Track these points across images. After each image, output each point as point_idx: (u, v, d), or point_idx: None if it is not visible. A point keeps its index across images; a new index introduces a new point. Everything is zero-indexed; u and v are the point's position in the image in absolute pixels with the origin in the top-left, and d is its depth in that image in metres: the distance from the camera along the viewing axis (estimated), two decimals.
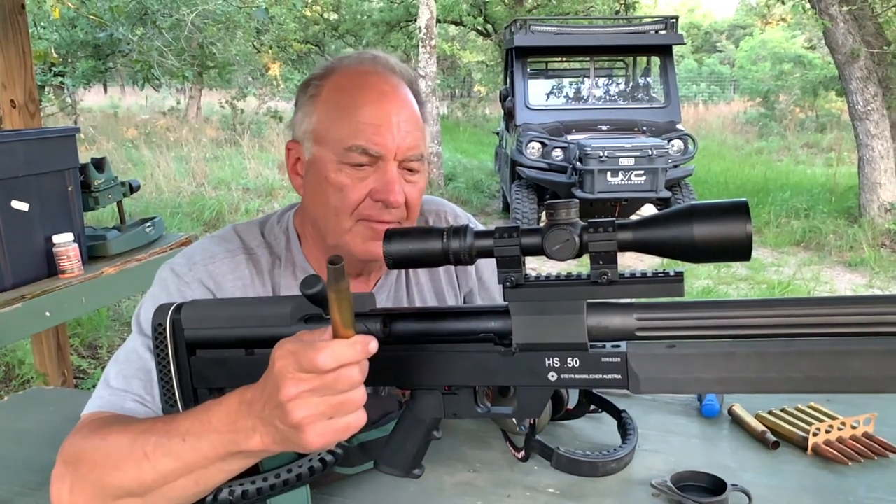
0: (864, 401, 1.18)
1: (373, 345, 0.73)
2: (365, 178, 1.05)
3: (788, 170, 11.49)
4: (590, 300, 0.81)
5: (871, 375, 0.75)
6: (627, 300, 0.81)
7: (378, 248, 1.07)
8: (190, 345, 0.95)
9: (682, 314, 0.80)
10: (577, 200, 0.81)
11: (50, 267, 2.40)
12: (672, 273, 0.79)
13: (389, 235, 0.84)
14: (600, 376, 0.82)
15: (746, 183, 10.00)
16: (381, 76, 1.08)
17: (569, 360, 0.83)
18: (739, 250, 0.75)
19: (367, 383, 0.83)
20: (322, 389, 0.71)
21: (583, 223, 0.80)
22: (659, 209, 7.11)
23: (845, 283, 6.05)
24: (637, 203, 6.80)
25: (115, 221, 2.96)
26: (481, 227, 0.85)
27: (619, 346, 0.82)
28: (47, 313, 2.26)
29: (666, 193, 6.60)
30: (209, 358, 0.95)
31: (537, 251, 0.80)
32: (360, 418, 0.74)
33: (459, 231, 0.83)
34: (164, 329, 0.94)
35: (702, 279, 6.10)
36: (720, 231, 0.75)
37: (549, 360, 0.83)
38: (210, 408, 0.82)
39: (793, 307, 0.77)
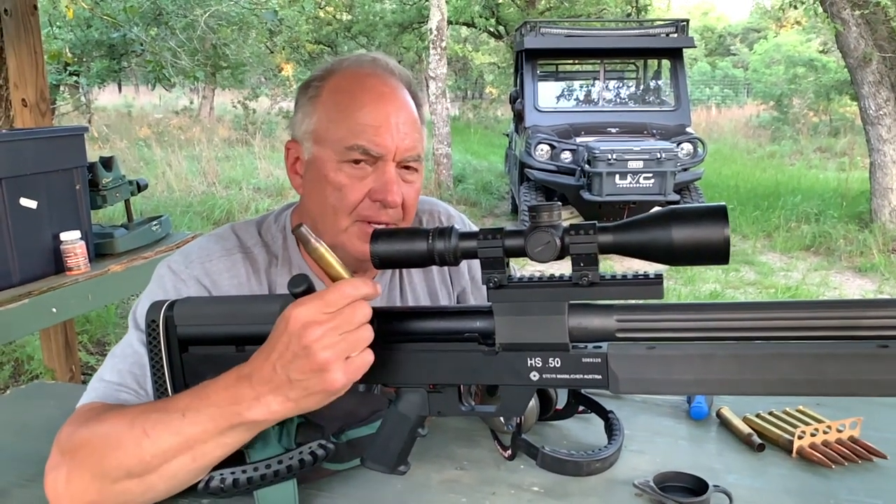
0: (853, 404, 1.19)
1: (379, 286, 0.83)
2: (364, 177, 1.07)
3: (800, 174, 11.42)
4: (571, 301, 0.83)
5: (846, 378, 0.75)
6: (608, 302, 0.83)
7: None
8: (182, 341, 0.97)
9: (662, 316, 0.81)
10: (559, 203, 0.82)
11: (57, 264, 2.43)
12: (652, 275, 0.80)
13: (376, 236, 0.86)
14: (581, 376, 0.83)
15: (757, 187, 9.95)
16: (380, 78, 1.10)
17: (550, 360, 0.84)
18: (717, 254, 0.76)
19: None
20: (341, 325, 0.77)
21: (565, 226, 0.81)
22: None
23: (855, 288, 6.01)
24: (645, 206, 6.77)
25: (124, 220, 3.00)
26: (468, 229, 0.87)
27: (600, 347, 0.83)
28: (54, 309, 2.30)
29: (675, 197, 6.59)
30: (201, 354, 0.97)
31: (520, 253, 0.82)
32: (369, 357, 0.81)
33: (444, 232, 0.84)
34: (158, 325, 0.97)
35: (709, 283, 6.09)
36: (698, 235, 0.76)
37: (531, 359, 0.85)
38: (208, 385, 0.86)
39: (770, 310, 0.78)
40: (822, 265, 6.66)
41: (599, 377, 0.83)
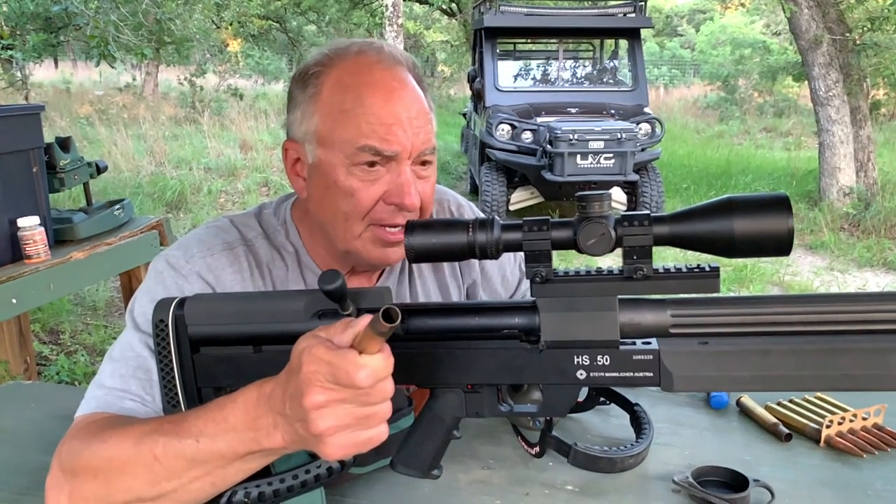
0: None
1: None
2: (377, 179, 0.99)
3: (749, 154, 11.68)
4: (621, 296, 0.79)
5: None
6: (660, 296, 0.79)
7: (391, 254, 1.04)
8: (194, 342, 0.90)
9: (718, 310, 0.78)
10: (609, 192, 0.78)
11: (14, 252, 2.30)
12: (708, 268, 0.77)
13: (412, 227, 0.80)
14: (631, 374, 0.80)
15: (710, 166, 10.13)
16: (388, 71, 1.00)
17: (599, 357, 0.80)
18: (780, 245, 0.73)
19: None
20: (353, 400, 0.69)
21: (616, 216, 0.77)
22: (626, 192, 7.16)
23: (807, 265, 6.18)
24: (605, 186, 6.82)
25: (73, 204, 2.85)
26: (509, 221, 0.82)
27: (649, 343, 0.80)
28: (13, 300, 2.17)
29: (634, 177, 6.64)
30: (214, 355, 0.91)
31: (569, 245, 0.78)
32: (382, 432, 0.73)
33: (486, 224, 0.79)
34: (167, 325, 0.89)
35: (668, 261, 6.17)
36: (761, 226, 0.73)
37: (578, 357, 0.81)
38: (224, 405, 0.78)
39: (831, 303, 0.76)
40: None
41: (651, 375, 0.80)
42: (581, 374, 0.81)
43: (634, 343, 0.81)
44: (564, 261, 5.55)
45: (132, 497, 0.80)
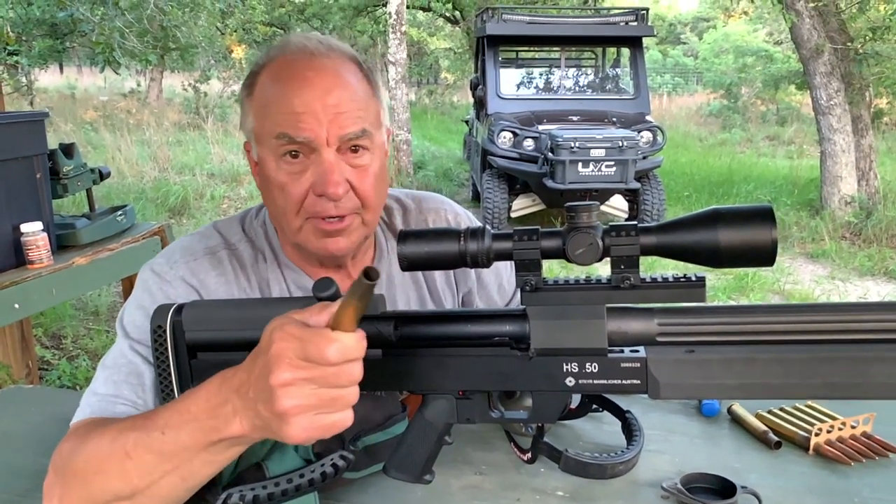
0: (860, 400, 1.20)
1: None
2: (303, 171, 0.99)
3: (751, 162, 11.69)
4: (609, 304, 0.80)
5: (893, 382, 0.75)
6: (647, 305, 0.81)
7: (331, 244, 1.04)
8: (191, 347, 0.92)
9: (704, 319, 0.79)
10: (598, 203, 0.80)
11: (18, 257, 2.31)
12: (694, 277, 0.78)
13: (404, 236, 0.82)
14: (619, 381, 0.81)
15: (712, 174, 10.14)
16: (308, 61, 1.00)
17: (587, 365, 0.82)
18: (763, 256, 0.75)
19: (377, 388, 0.82)
20: (320, 380, 0.68)
21: (604, 226, 0.79)
22: (628, 200, 7.18)
23: (808, 274, 6.18)
24: (606, 194, 6.84)
25: (77, 210, 2.87)
26: (500, 230, 0.83)
27: (637, 352, 0.81)
28: (16, 305, 2.19)
29: (635, 185, 6.65)
30: (212, 361, 0.92)
31: (558, 254, 0.79)
32: (346, 418, 0.71)
33: (477, 233, 0.81)
34: (164, 331, 0.91)
35: (669, 269, 6.19)
36: (745, 236, 0.74)
37: (566, 365, 0.82)
38: (188, 396, 0.79)
39: (814, 313, 0.77)
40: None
41: (638, 382, 0.81)
42: (570, 382, 0.82)
43: (622, 351, 0.82)
44: (566, 269, 5.57)
45: (110, 496, 0.81)
